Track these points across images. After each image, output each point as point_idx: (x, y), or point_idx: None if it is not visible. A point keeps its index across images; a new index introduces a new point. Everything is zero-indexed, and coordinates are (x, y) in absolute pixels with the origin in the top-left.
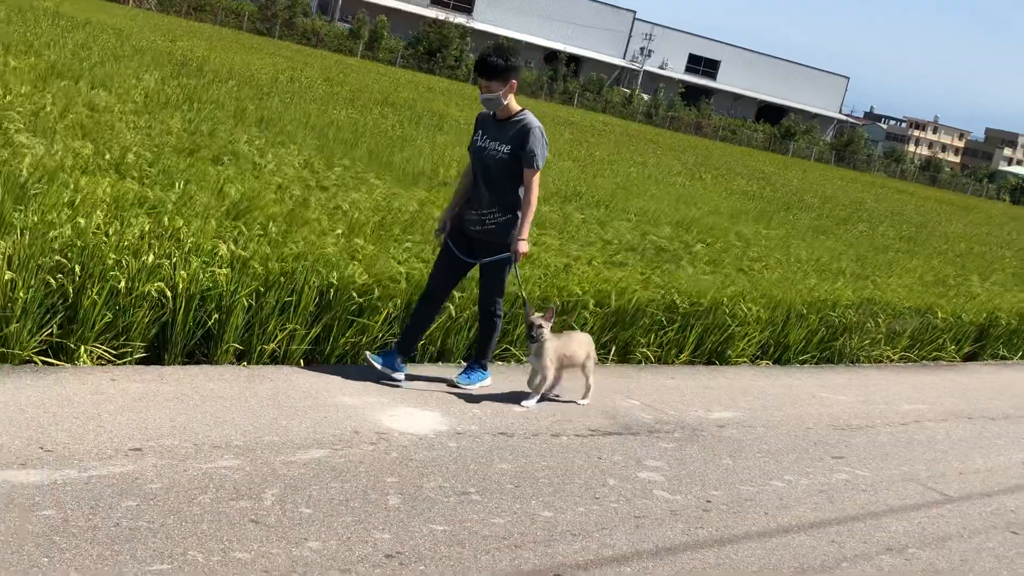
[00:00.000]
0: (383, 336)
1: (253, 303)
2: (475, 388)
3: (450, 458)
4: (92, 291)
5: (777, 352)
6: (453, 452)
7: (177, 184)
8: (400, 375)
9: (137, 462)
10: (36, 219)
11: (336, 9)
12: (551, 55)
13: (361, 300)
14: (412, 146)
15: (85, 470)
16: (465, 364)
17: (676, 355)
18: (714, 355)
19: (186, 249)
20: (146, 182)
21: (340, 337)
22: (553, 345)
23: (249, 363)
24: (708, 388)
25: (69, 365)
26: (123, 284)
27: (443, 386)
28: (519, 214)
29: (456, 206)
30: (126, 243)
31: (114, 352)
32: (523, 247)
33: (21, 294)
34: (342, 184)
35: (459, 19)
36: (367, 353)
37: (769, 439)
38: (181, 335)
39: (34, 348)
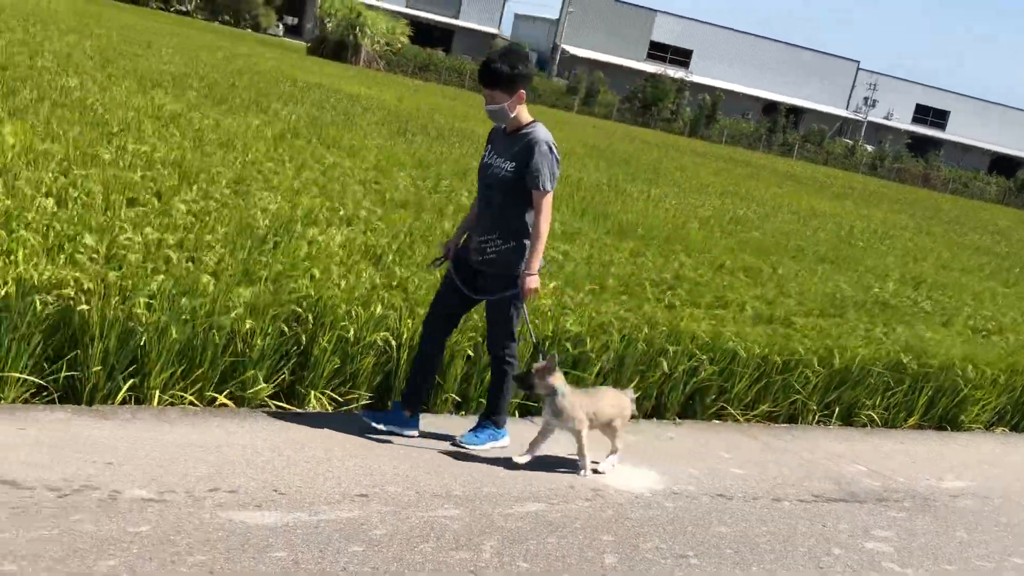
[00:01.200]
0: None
1: (472, 354)
2: (484, 450)
3: (667, 519)
4: (323, 339)
5: (1016, 418)
6: (670, 512)
7: (404, 237)
8: (413, 432)
9: (363, 508)
10: (276, 271)
11: (554, 65)
12: (770, 106)
13: (575, 352)
14: (625, 198)
15: (315, 514)
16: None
17: (904, 418)
18: (945, 419)
19: (411, 301)
20: (374, 236)
21: None
22: (572, 400)
23: (466, 413)
24: (939, 455)
25: (299, 409)
26: (352, 333)
27: (654, 441)
28: (526, 243)
29: (462, 232)
30: (357, 295)
31: (341, 398)
32: (531, 282)
33: (259, 341)
34: (553, 235)
35: (676, 73)
36: (361, 413)
37: (1008, 512)
38: (401, 383)
39: (268, 392)
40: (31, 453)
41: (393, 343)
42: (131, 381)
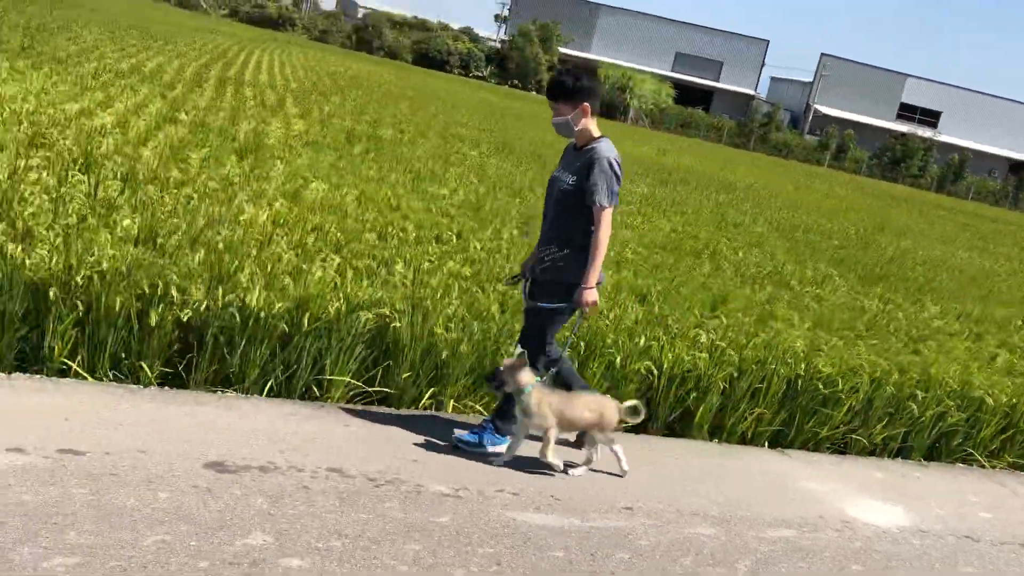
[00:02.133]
0: (842, 427)
1: (727, 386)
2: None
3: (913, 554)
4: (593, 365)
5: None
6: (916, 549)
7: (667, 278)
8: (502, 448)
9: (629, 520)
10: None
11: (807, 124)
12: (1017, 165)
13: (826, 391)
14: (875, 248)
15: (586, 520)
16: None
17: None
18: None
19: (672, 335)
20: (640, 274)
21: (804, 424)
22: (539, 399)
23: (720, 440)
24: None
25: None
26: (618, 360)
27: (900, 479)
28: (581, 255)
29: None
30: (623, 326)
31: None
32: (588, 296)
33: None
34: (807, 282)
35: (924, 132)
36: (455, 433)
37: None
38: (663, 409)
39: None
40: (354, 447)
41: (655, 371)
42: (432, 389)
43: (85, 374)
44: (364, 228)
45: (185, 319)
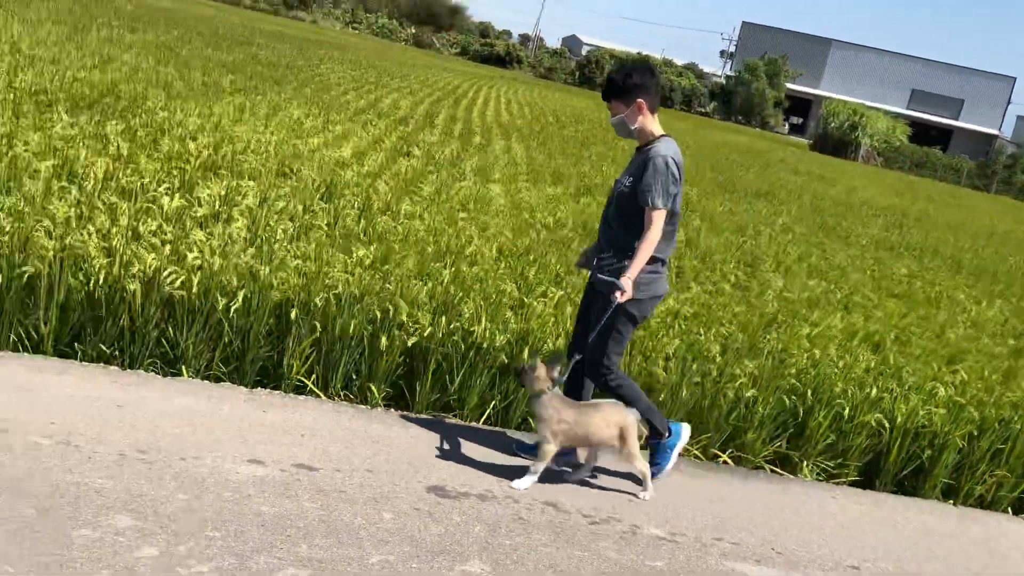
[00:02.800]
0: None
1: (965, 445)
2: (672, 464)
3: None
4: (819, 414)
5: None
6: None
7: (900, 326)
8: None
9: None
10: (780, 347)
11: None
12: None
13: None
14: None
15: None
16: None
17: None
18: None
19: (906, 387)
20: (870, 321)
21: None
22: (549, 411)
23: (956, 502)
24: None
25: (792, 476)
26: (847, 411)
27: None
28: (655, 266)
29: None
30: (853, 375)
31: (832, 470)
32: (623, 284)
33: (760, 408)
34: None
35: None
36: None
37: None
38: (894, 465)
39: (765, 456)
40: (569, 483)
41: (886, 424)
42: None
43: (319, 392)
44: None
45: (411, 345)
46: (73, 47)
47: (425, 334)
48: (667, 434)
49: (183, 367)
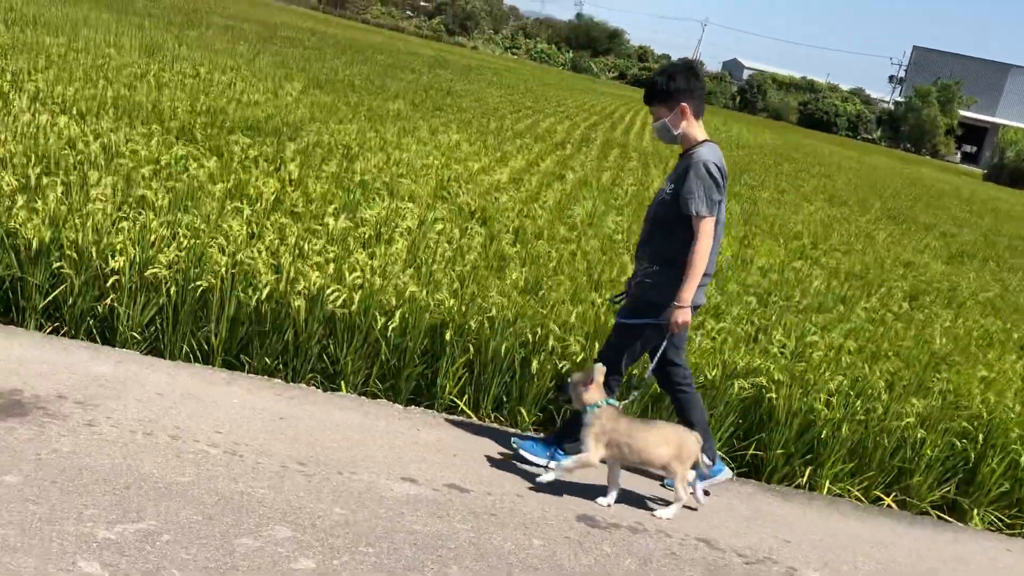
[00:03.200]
0: None
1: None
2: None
3: None
4: (992, 460)
5: None
6: None
7: None
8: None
9: None
10: (951, 387)
11: None
12: None
13: None
14: None
15: None
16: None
17: None
18: None
19: None
20: None
21: None
22: (603, 421)
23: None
24: None
25: (962, 524)
26: (1023, 458)
27: None
28: (676, 272)
29: None
30: None
31: (1007, 520)
32: (680, 315)
33: (928, 451)
34: None
35: None
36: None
37: None
38: None
39: (931, 501)
40: (724, 518)
41: None
42: (808, 469)
43: (470, 413)
44: (744, 292)
45: (563, 370)
46: (250, 73)
47: (577, 360)
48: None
49: (342, 382)
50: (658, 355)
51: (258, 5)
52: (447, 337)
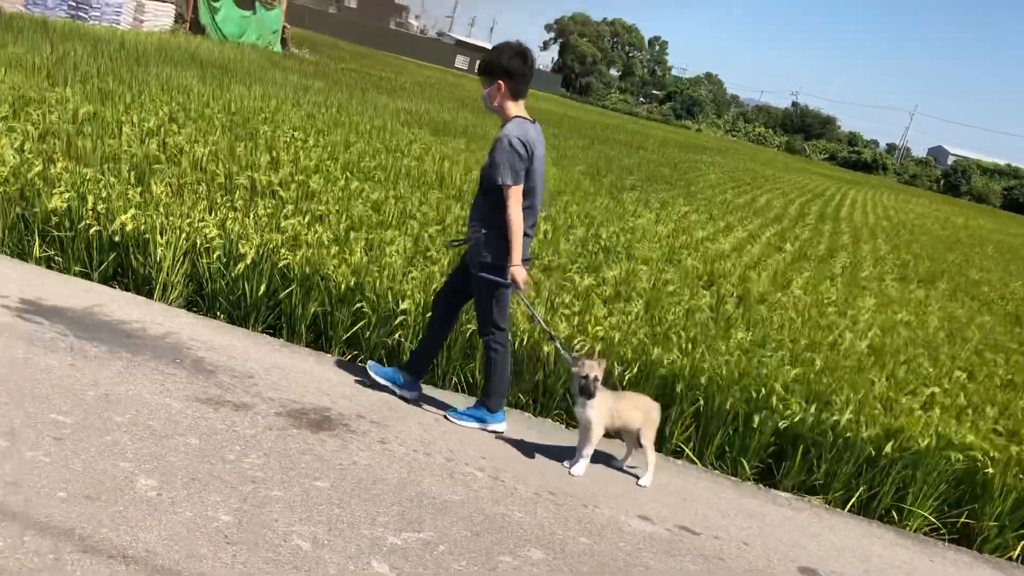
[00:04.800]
0: None
1: None
2: (468, 427)
3: None
4: None
5: None
6: None
7: None
8: (411, 393)
9: None
10: None
11: None
12: None
13: None
14: None
15: None
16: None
17: None
18: None
19: None
20: None
21: None
22: (602, 404)
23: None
24: None
25: None
26: None
27: None
28: (499, 233)
29: None
30: None
31: None
32: (516, 273)
33: None
34: None
35: None
36: (369, 363)
37: None
38: None
39: None
40: None
41: None
42: (1021, 543)
43: (695, 459)
44: (953, 366)
45: (782, 427)
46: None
47: (796, 419)
48: (492, 411)
49: None
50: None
51: None
52: (678, 389)
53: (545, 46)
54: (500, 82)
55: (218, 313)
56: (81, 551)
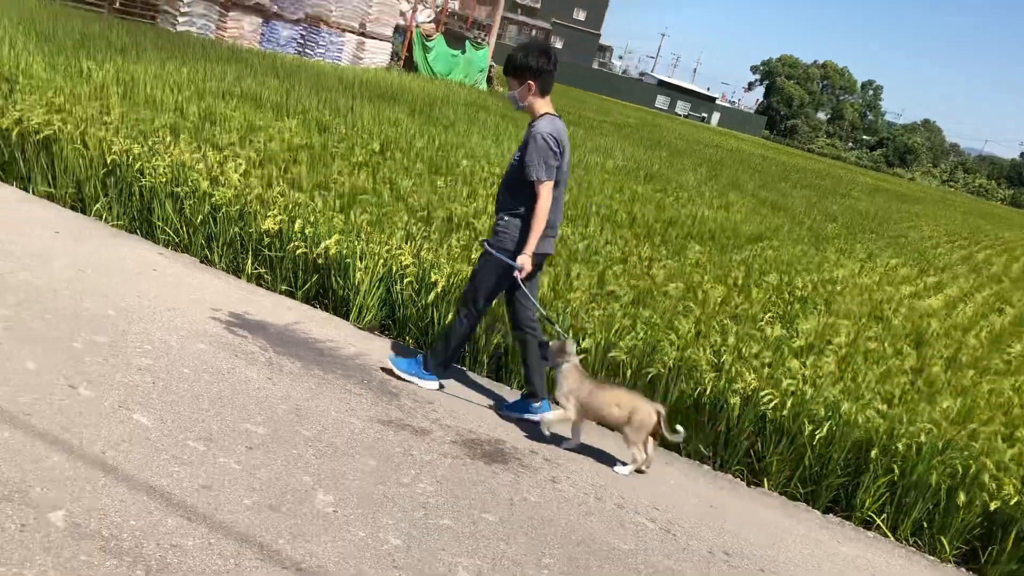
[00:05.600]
0: None
1: None
2: (405, 378)
3: None
4: None
5: None
6: None
7: None
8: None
9: None
10: None
11: None
12: None
13: None
14: None
15: None
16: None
17: None
18: None
19: None
20: None
21: None
22: (569, 382)
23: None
24: None
25: None
26: None
27: None
28: (521, 224)
29: None
30: None
31: None
32: (524, 261)
33: None
34: None
35: None
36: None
37: None
38: None
39: None
40: None
41: None
42: None
43: (888, 532)
44: None
45: (993, 508)
46: (706, 190)
47: (1011, 501)
48: (428, 370)
49: (765, 479)
50: (516, 296)
51: (702, 129)
52: (872, 454)
53: (750, 87)
54: (530, 81)
55: (407, 338)
56: (260, 559)
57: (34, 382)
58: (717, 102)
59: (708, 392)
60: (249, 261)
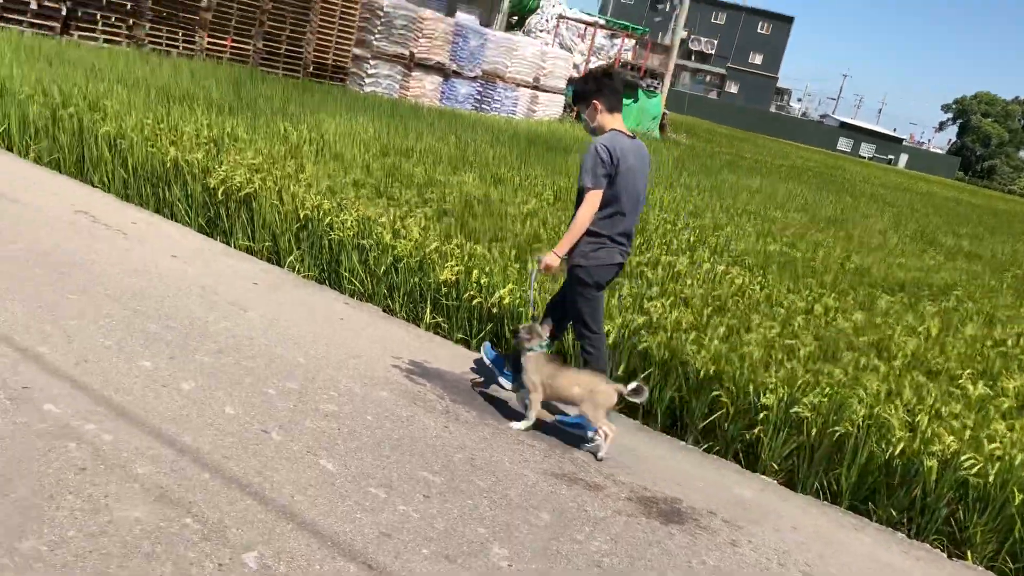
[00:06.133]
0: None
1: None
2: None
3: None
4: None
5: None
6: None
7: None
8: (506, 382)
9: None
10: None
11: None
12: None
13: None
14: None
15: None
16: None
17: None
18: None
19: None
20: None
21: None
22: (533, 362)
23: None
24: None
25: None
26: None
27: None
28: (589, 238)
29: None
30: None
31: None
32: (548, 258)
33: None
34: None
35: None
36: (485, 344)
37: None
38: None
39: None
40: None
41: None
42: None
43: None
44: None
45: None
46: (895, 236)
47: None
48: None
49: (968, 551)
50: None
51: (888, 172)
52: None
53: (941, 127)
54: (595, 101)
55: None
56: None
57: (232, 427)
58: (904, 143)
59: (901, 453)
60: (428, 310)
